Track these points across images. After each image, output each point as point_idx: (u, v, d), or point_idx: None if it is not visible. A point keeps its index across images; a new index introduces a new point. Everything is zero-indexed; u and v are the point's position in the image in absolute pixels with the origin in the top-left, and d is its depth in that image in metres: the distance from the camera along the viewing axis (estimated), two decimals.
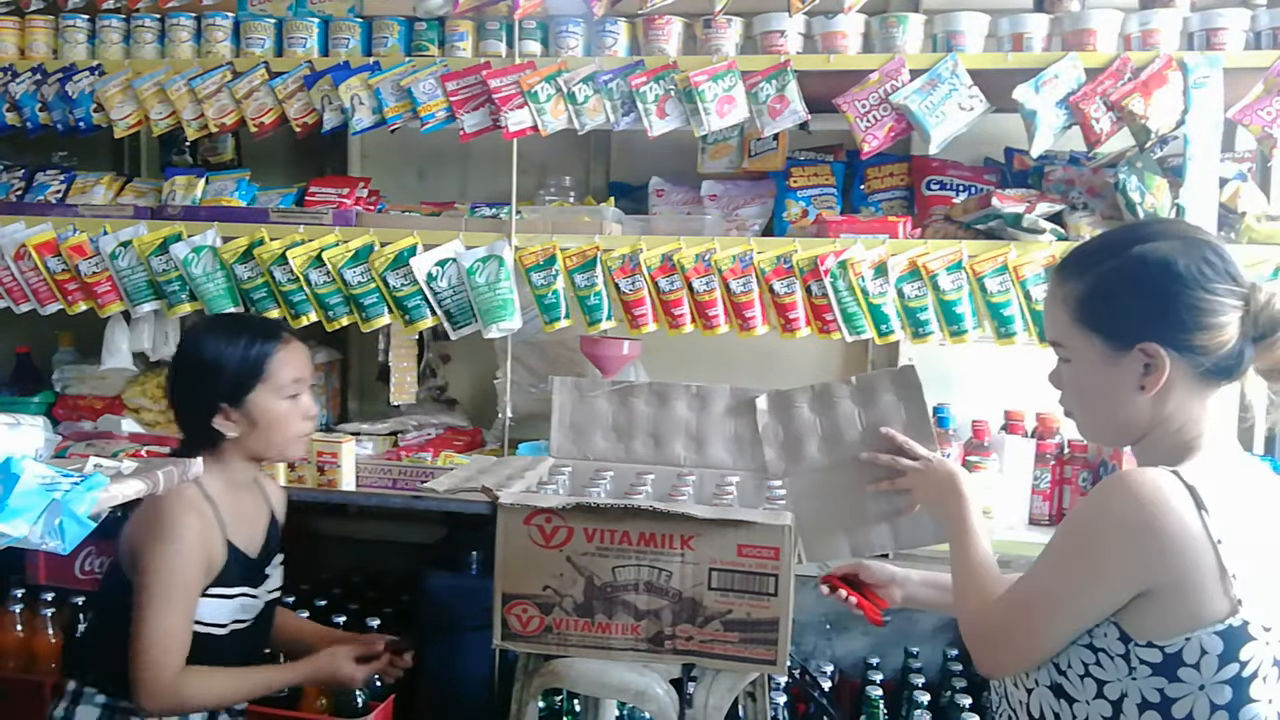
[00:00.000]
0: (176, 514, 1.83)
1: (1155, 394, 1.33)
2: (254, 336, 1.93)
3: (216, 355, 1.90)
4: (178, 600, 1.82)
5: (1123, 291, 1.34)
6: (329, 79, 2.61)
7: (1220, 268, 1.31)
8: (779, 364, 2.90)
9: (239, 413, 1.90)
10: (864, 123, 2.39)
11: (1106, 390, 1.36)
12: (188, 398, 1.95)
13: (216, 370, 1.89)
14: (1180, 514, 1.25)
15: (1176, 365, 1.31)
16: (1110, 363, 1.35)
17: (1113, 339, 1.34)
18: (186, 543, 1.82)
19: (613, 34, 2.53)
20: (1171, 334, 1.30)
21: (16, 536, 1.39)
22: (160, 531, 1.81)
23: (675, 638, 1.71)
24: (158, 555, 1.80)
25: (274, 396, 1.92)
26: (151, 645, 1.79)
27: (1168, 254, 1.32)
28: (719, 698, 1.74)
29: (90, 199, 2.89)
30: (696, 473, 2.12)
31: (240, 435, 1.91)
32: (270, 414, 1.91)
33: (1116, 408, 1.36)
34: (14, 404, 2.91)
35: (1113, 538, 1.27)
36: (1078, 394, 1.42)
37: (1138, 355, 1.32)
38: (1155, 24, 2.31)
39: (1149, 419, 1.35)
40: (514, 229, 2.58)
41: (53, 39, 2.86)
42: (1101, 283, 1.35)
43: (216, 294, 2.68)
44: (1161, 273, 1.31)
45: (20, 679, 2.79)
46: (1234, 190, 2.34)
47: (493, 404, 2.93)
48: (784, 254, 2.44)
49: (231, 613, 1.93)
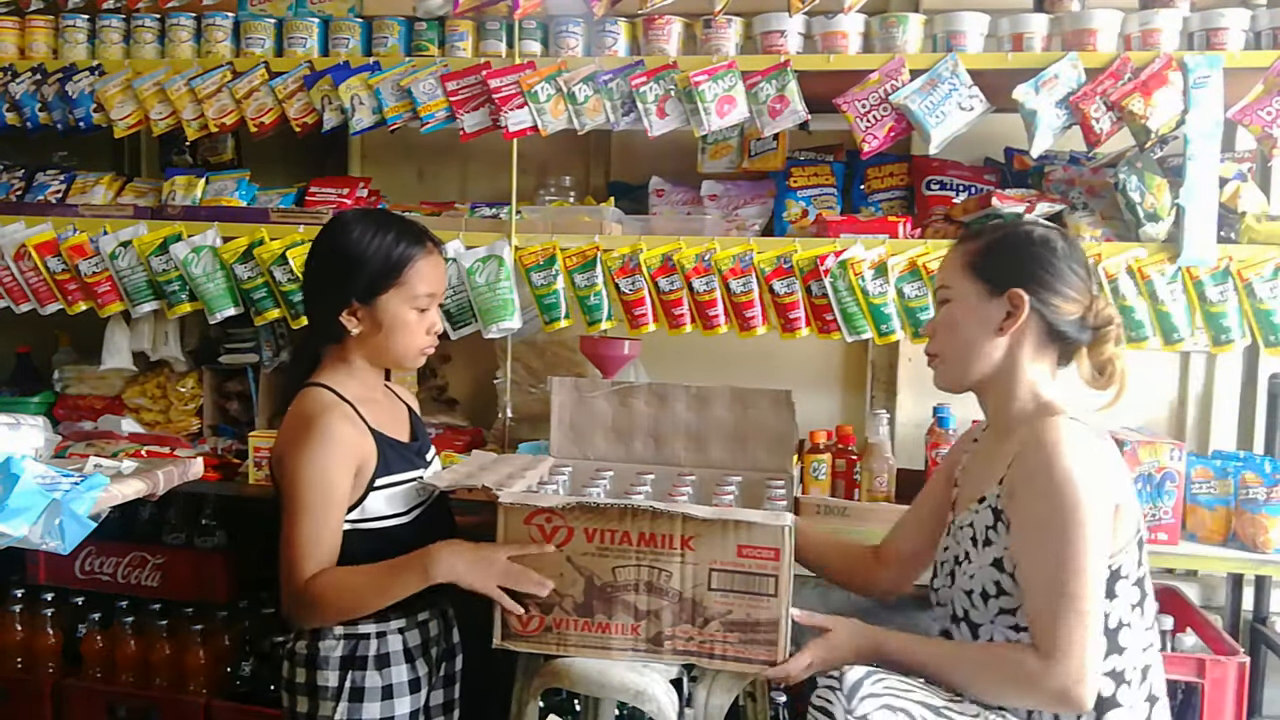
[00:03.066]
0: (317, 416, 1.78)
1: (1010, 337, 1.63)
2: (399, 237, 1.87)
3: (359, 249, 1.84)
4: (322, 505, 1.76)
5: (1008, 250, 1.66)
6: (329, 79, 2.61)
7: (1084, 262, 1.66)
8: (779, 364, 2.91)
9: (366, 311, 1.84)
10: (864, 123, 2.39)
11: (975, 326, 1.65)
12: (320, 285, 1.89)
13: (356, 264, 1.83)
14: (1100, 443, 1.57)
15: (1031, 317, 1.61)
16: (983, 304, 1.65)
17: (991, 284, 1.64)
18: (333, 444, 1.77)
19: (613, 34, 2.53)
20: (1036, 288, 1.61)
21: (16, 536, 1.39)
22: (308, 440, 1.76)
23: (675, 638, 1.71)
24: (303, 462, 1.75)
25: (405, 304, 1.86)
26: (294, 550, 1.75)
27: (1048, 233, 1.67)
28: (719, 698, 1.74)
29: (90, 199, 2.89)
30: (696, 473, 2.13)
31: (362, 335, 1.86)
32: (397, 320, 1.86)
33: (978, 343, 1.65)
34: (14, 404, 2.91)
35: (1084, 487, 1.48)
36: (949, 329, 1.69)
37: (1005, 301, 1.62)
38: (1155, 24, 2.31)
39: (998, 364, 1.65)
40: (514, 229, 2.58)
41: (53, 39, 2.86)
42: (993, 242, 1.68)
43: (216, 294, 2.67)
44: (1042, 243, 1.65)
45: (20, 679, 2.79)
46: (1234, 190, 2.34)
47: (493, 404, 2.92)
48: (784, 254, 2.44)
49: (408, 499, 1.89)
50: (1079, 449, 1.52)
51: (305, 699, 1.85)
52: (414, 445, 1.98)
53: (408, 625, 1.88)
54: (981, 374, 1.66)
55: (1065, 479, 1.49)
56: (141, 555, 2.89)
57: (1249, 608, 2.69)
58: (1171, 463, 2.27)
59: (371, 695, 1.83)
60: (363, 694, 1.83)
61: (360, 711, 1.82)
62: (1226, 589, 2.74)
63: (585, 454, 2.23)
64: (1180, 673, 2.19)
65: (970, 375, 1.68)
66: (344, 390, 1.86)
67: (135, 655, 2.76)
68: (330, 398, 1.84)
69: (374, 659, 1.84)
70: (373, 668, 1.84)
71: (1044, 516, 1.49)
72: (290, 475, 1.77)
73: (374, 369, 1.94)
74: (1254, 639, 2.65)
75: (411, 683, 1.88)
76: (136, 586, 2.88)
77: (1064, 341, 1.64)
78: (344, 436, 1.79)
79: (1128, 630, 1.54)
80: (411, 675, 1.88)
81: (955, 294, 1.69)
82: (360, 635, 1.83)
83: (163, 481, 1.77)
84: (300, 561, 1.75)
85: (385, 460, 1.86)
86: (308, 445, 1.76)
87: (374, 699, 1.83)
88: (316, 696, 1.83)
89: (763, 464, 2.16)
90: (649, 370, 2.82)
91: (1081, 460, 1.50)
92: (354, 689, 1.83)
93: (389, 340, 1.87)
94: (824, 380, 3.07)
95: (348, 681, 1.83)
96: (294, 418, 1.82)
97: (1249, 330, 2.30)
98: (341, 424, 1.80)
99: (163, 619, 2.76)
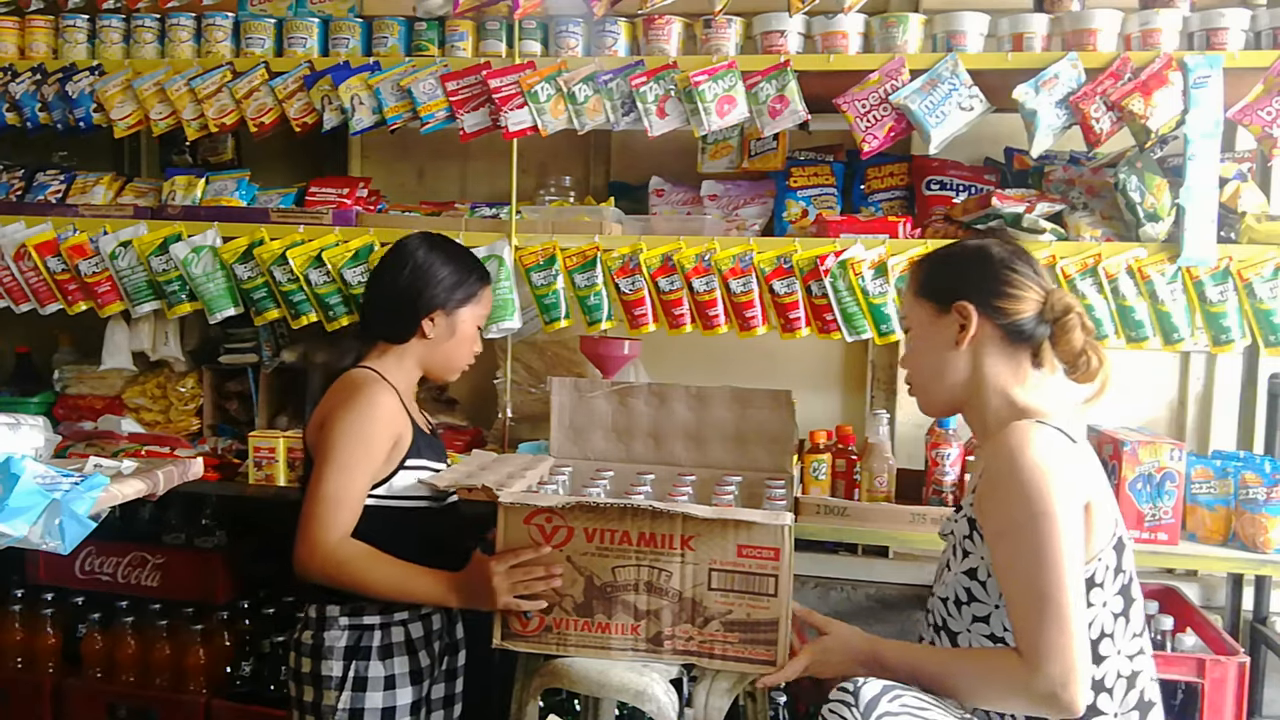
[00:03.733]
0: (369, 387, 1.90)
1: (968, 349, 1.62)
2: (476, 263, 2.08)
3: (454, 262, 2.02)
4: (357, 463, 1.84)
5: (948, 266, 1.69)
6: (329, 79, 2.61)
7: (1026, 260, 1.66)
8: (779, 364, 2.91)
9: (446, 320, 2.00)
10: (864, 123, 2.39)
11: (933, 347, 1.66)
12: (410, 288, 1.98)
13: (450, 275, 2.00)
14: (1068, 444, 1.53)
15: (983, 325, 1.61)
16: (935, 323, 1.66)
17: (937, 301, 1.66)
18: (380, 408, 1.88)
19: (613, 34, 2.53)
20: (980, 296, 1.62)
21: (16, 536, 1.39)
22: (354, 402, 1.86)
23: (675, 638, 1.72)
24: (348, 421, 1.84)
25: (475, 319, 2.05)
26: (322, 501, 1.81)
27: (983, 243, 1.70)
28: (719, 698, 1.74)
29: (90, 199, 2.89)
30: (696, 473, 2.13)
31: (434, 339, 1.99)
32: (466, 332, 2.03)
33: (941, 365, 1.65)
34: (14, 404, 2.91)
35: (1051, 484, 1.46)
36: (915, 357, 1.71)
37: (954, 316, 1.63)
38: (1155, 24, 2.31)
39: (968, 378, 1.64)
40: (514, 229, 2.58)
41: (53, 39, 2.86)
42: (935, 262, 1.73)
43: (216, 294, 2.67)
44: (976, 252, 1.68)
45: (20, 679, 2.79)
46: (1234, 190, 2.34)
47: (493, 404, 2.92)
48: (784, 254, 2.44)
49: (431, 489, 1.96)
50: (1041, 448, 1.49)
51: (310, 688, 1.90)
52: (438, 441, 2.08)
53: (411, 617, 1.93)
54: (953, 392, 1.66)
55: (1030, 479, 1.46)
56: (141, 555, 2.89)
57: (1249, 608, 2.69)
58: (1171, 463, 2.27)
59: (374, 685, 1.88)
60: (366, 683, 1.87)
61: (363, 700, 1.87)
62: (1226, 589, 2.74)
63: (585, 454, 2.23)
64: (1180, 673, 2.19)
65: (943, 395, 1.68)
66: (390, 376, 1.96)
67: (135, 655, 2.76)
68: (375, 376, 1.94)
69: (377, 649, 1.88)
70: (376, 658, 1.88)
71: (1014, 519, 1.47)
72: (331, 433, 1.84)
73: (417, 373, 2.04)
74: (1254, 639, 2.65)
75: (414, 673, 1.92)
76: (136, 586, 2.88)
77: (1027, 341, 1.61)
78: (390, 407, 1.90)
79: (1109, 641, 1.52)
80: (414, 666, 1.92)
81: (912, 320, 1.71)
82: (365, 626, 1.88)
83: (163, 481, 1.77)
84: (326, 516, 1.80)
85: (418, 445, 1.95)
86: (354, 407, 1.85)
87: (376, 688, 1.88)
88: (321, 685, 1.88)
89: (762, 464, 2.16)
90: (649, 370, 2.82)
91: (1045, 458, 1.48)
92: (357, 678, 1.87)
93: (455, 348, 2.03)
94: (824, 380, 3.07)
95: (351, 671, 1.87)
96: (340, 389, 1.91)
97: (1249, 330, 2.30)
98: (388, 396, 1.90)
99: (163, 619, 2.76)
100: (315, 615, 1.91)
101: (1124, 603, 1.55)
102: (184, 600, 2.79)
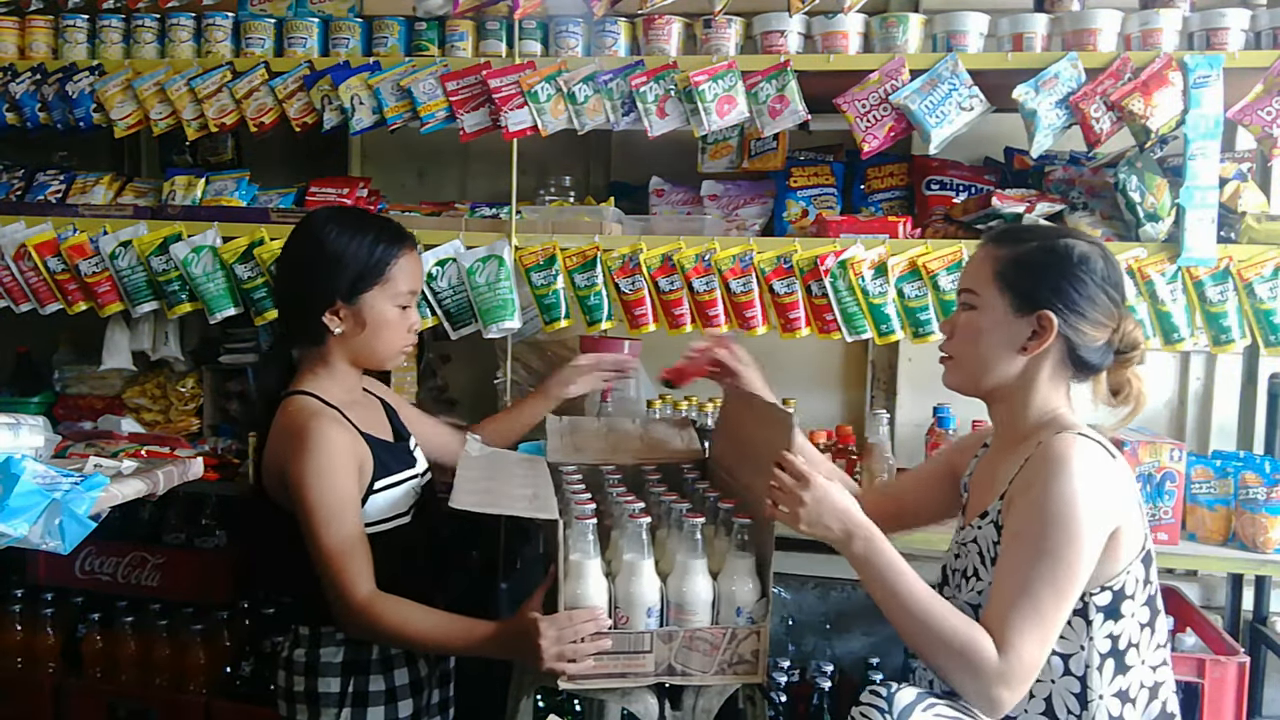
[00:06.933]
0: (311, 424, 1.76)
1: (1030, 359, 1.56)
2: (380, 235, 1.86)
3: (340, 248, 1.83)
4: (340, 513, 1.73)
5: (1044, 267, 1.55)
6: (329, 79, 2.61)
7: (1119, 283, 1.57)
8: (779, 364, 2.90)
9: (350, 311, 1.84)
10: (864, 123, 2.39)
11: (997, 341, 1.57)
12: (299, 287, 1.86)
13: (337, 263, 1.82)
14: (1108, 459, 1.49)
15: (1056, 342, 1.54)
16: (1009, 319, 1.56)
17: (1021, 300, 1.56)
18: (332, 444, 1.74)
19: (613, 34, 2.53)
20: (1067, 312, 1.53)
21: (16, 536, 1.39)
22: (306, 450, 1.73)
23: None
24: (310, 473, 1.72)
25: (388, 301, 1.86)
26: (332, 560, 1.71)
27: (1088, 251, 1.57)
28: (708, 700, 1.74)
29: (90, 199, 2.89)
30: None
31: (344, 334, 1.85)
32: (381, 318, 1.86)
33: (997, 359, 1.58)
34: (14, 404, 2.91)
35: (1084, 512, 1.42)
36: (972, 339, 1.61)
37: (1033, 321, 1.55)
38: (1155, 24, 2.31)
39: (1013, 380, 1.58)
40: (514, 229, 2.58)
41: (53, 39, 2.86)
42: (1028, 254, 1.57)
43: (216, 294, 2.67)
44: (1081, 263, 1.55)
45: (20, 679, 2.79)
46: (1234, 190, 2.34)
47: (493, 404, 2.92)
48: (784, 254, 2.44)
49: (408, 498, 1.88)
50: (1087, 470, 1.45)
51: (304, 706, 1.83)
52: (400, 444, 1.96)
53: None
54: (994, 385, 1.60)
55: (1068, 500, 1.43)
56: (141, 555, 2.90)
57: (1249, 608, 2.69)
58: (1171, 463, 2.27)
59: (375, 699, 1.82)
60: (366, 698, 1.81)
61: (364, 716, 1.81)
62: (1226, 589, 2.74)
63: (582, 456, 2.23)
64: (1180, 673, 2.19)
65: (983, 385, 1.62)
66: (328, 396, 1.84)
67: (135, 655, 2.76)
68: (316, 404, 1.81)
69: (377, 662, 1.83)
70: (376, 671, 1.83)
71: (1037, 529, 1.43)
72: (300, 490, 1.73)
73: (354, 370, 1.93)
74: (1254, 639, 2.65)
75: (414, 684, 1.87)
76: (136, 586, 2.89)
77: (1085, 366, 1.57)
78: (340, 440, 1.77)
79: (1134, 650, 1.50)
80: (414, 676, 1.87)
81: (981, 302, 1.60)
82: (363, 640, 1.82)
83: (163, 481, 1.77)
84: (343, 574, 1.71)
85: (381, 462, 1.84)
86: (309, 456, 1.73)
87: (377, 703, 1.82)
88: (318, 704, 1.81)
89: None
90: (649, 370, 2.81)
91: (1087, 482, 1.44)
92: (356, 693, 1.81)
93: (373, 339, 1.87)
94: (824, 380, 3.07)
95: (350, 686, 1.81)
96: (285, 430, 1.79)
97: (1249, 330, 2.30)
98: (335, 429, 1.78)
99: (163, 619, 2.77)
100: (309, 632, 1.84)
101: (1150, 613, 1.53)
102: (184, 600, 2.80)
